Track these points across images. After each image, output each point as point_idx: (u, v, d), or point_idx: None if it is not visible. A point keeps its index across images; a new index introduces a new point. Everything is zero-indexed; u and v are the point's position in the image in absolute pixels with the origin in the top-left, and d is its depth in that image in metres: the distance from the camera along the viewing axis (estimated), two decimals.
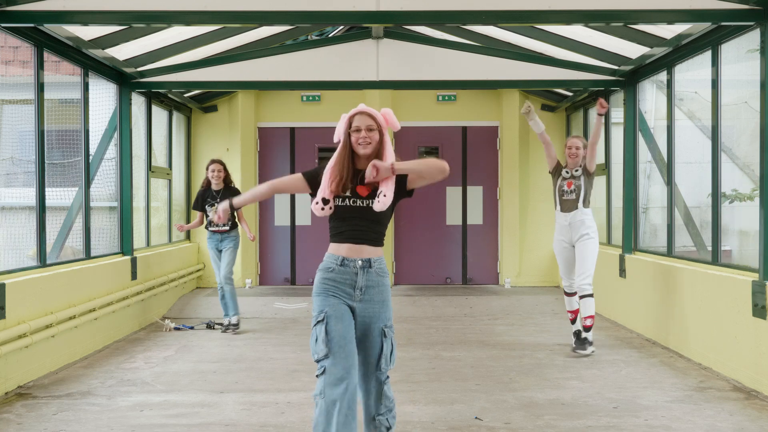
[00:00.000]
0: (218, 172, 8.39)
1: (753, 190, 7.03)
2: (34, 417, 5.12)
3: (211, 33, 8.20)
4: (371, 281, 3.80)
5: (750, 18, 5.89)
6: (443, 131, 11.34)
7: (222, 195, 8.29)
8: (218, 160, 8.47)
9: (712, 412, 5.15)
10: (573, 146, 7.17)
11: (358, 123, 3.81)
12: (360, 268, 3.78)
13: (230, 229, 8.46)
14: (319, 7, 6.25)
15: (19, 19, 6.07)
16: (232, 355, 7.16)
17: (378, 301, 3.82)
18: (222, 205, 4.07)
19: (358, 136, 3.81)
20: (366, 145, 3.80)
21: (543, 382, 6.01)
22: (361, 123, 3.81)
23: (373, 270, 3.80)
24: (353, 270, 3.77)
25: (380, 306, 3.82)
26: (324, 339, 3.67)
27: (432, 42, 8.93)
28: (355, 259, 3.78)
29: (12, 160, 7.60)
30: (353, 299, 3.78)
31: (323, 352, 3.65)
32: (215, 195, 8.36)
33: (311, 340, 3.74)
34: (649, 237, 8.83)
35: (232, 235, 8.50)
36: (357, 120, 3.82)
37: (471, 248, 11.40)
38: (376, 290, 3.81)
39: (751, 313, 5.74)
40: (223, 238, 8.44)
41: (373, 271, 3.80)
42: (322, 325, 3.70)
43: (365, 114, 3.83)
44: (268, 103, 11.35)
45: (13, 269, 6.24)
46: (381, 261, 3.85)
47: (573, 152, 7.14)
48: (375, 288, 3.81)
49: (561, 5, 6.16)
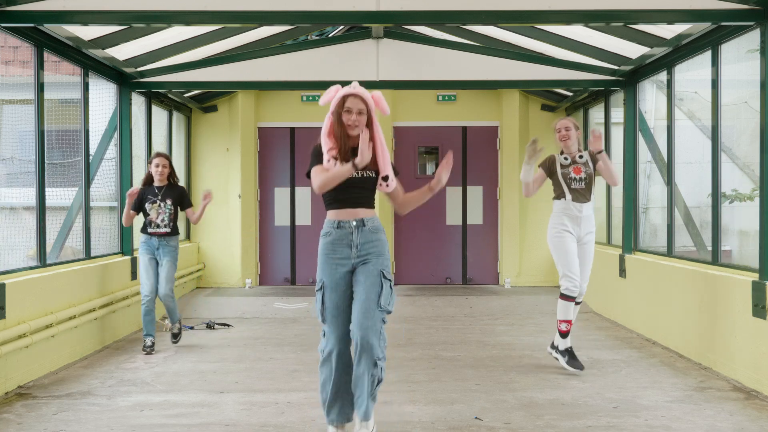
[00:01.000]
0: (163, 168, 7.33)
1: (753, 190, 7.03)
2: (34, 417, 5.12)
3: (211, 33, 8.20)
4: (366, 237, 4.21)
5: (750, 18, 5.89)
6: (443, 131, 11.34)
7: (165, 193, 7.32)
8: (163, 154, 7.49)
9: (712, 412, 5.15)
10: (562, 127, 6.30)
11: (350, 105, 4.16)
12: (355, 228, 4.19)
13: (171, 233, 7.34)
14: (319, 7, 6.25)
15: (19, 19, 6.07)
16: (232, 355, 7.16)
17: (374, 253, 4.22)
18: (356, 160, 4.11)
19: (348, 117, 4.15)
20: (354, 127, 4.16)
21: (543, 382, 6.01)
22: (353, 105, 4.16)
23: (366, 228, 4.21)
24: (348, 230, 4.19)
25: (376, 256, 4.22)
26: (321, 308, 4.23)
27: (432, 42, 8.93)
28: (349, 221, 4.20)
29: (12, 160, 7.61)
30: (351, 257, 4.20)
31: (321, 318, 4.25)
32: (157, 193, 7.31)
33: (316, 302, 4.31)
34: (649, 237, 8.83)
35: (172, 244, 7.34)
36: (350, 102, 4.16)
37: (471, 248, 11.41)
38: (371, 245, 4.22)
39: (751, 313, 5.74)
40: (160, 243, 7.26)
41: (366, 229, 4.21)
42: (320, 293, 4.24)
43: (358, 97, 4.16)
44: (268, 103, 11.35)
45: (13, 269, 6.24)
46: (374, 219, 4.28)
47: (563, 134, 6.29)
48: (370, 243, 4.21)
49: (561, 5, 6.15)
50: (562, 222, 6.30)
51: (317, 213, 11.09)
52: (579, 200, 6.28)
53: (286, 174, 11.37)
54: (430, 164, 11.49)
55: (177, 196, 7.39)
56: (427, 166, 11.49)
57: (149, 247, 7.27)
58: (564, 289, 6.25)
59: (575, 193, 6.28)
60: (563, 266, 6.26)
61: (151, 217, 7.28)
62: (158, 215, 7.26)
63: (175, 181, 7.49)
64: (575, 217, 6.28)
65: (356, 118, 4.14)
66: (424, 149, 11.42)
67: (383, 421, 4.95)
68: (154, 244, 7.26)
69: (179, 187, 7.54)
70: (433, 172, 11.29)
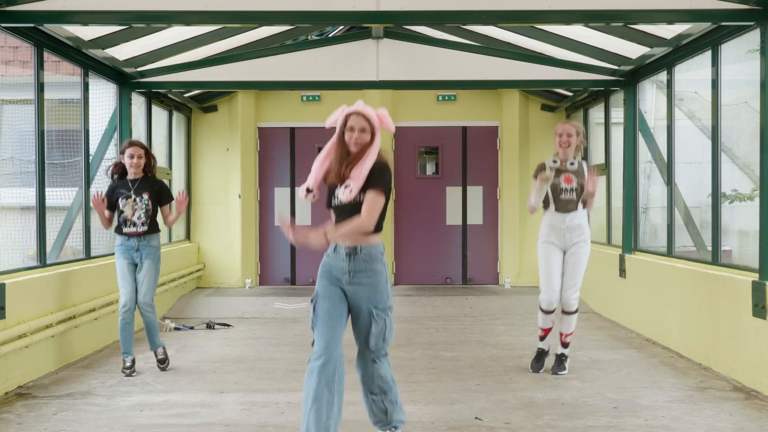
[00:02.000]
0: (138, 158, 6.34)
1: (753, 190, 7.04)
2: (34, 417, 5.12)
3: (211, 33, 8.19)
4: (358, 266, 4.08)
5: (750, 18, 5.89)
6: (443, 131, 11.34)
7: (140, 187, 6.36)
8: (138, 143, 6.51)
9: (712, 412, 5.15)
10: (564, 133, 6.13)
11: (352, 123, 4.06)
12: (347, 255, 4.08)
13: (149, 231, 6.39)
14: (319, 7, 6.25)
15: (19, 19, 6.07)
16: (232, 355, 7.16)
17: (367, 285, 4.09)
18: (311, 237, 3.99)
19: (351, 135, 4.05)
20: (356, 145, 4.05)
21: (543, 382, 6.01)
22: (355, 124, 4.06)
23: (359, 256, 4.07)
24: (342, 256, 4.08)
25: (369, 289, 4.09)
26: (312, 315, 4.12)
27: (432, 42, 8.93)
28: (343, 246, 4.09)
29: (12, 160, 7.61)
30: (343, 283, 4.10)
31: (312, 326, 4.12)
32: (130, 186, 6.37)
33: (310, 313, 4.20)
34: (649, 237, 8.83)
35: (153, 243, 6.40)
36: (352, 120, 4.07)
37: (471, 248, 11.40)
38: (363, 274, 4.08)
39: (751, 313, 5.74)
40: (140, 244, 6.33)
41: (359, 257, 4.07)
42: (312, 303, 4.16)
43: (361, 115, 4.06)
44: (268, 103, 11.35)
45: (13, 269, 6.24)
46: (369, 248, 4.09)
47: (564, 140, 6.12)
48: (363, 272, 4.08)
49: (561, 5, 6.15)
50: (546, 233, 6.20)
51: (317, 213, 11.09)
52: (564, 210, 6.12)
53: (286, 174, 11.37)
54: (430, 164, 11.49)
55: (155, 190, 6.43)
56: (427, 166, 11.50)
57: (126, 249, 6.33)
58: (540, 303, 6.25)
59: (561, 203, 6.12)
60: (540, 280, 6.24)
61: (125, 215, 6.32)
62: (134, 212, 6.31)
63: (153, 174, 6.51)
64: (558, 228, 6.14)
65: (358, 135, 4.04)
66: (424, 149, 11.41)
67: None
68: (132, 246, 6.32)
69: (157, 180, 6.56)
70: (433, 172, 11.36)
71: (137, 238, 6.35)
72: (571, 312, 6.22)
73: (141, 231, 6.35)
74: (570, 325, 6.26)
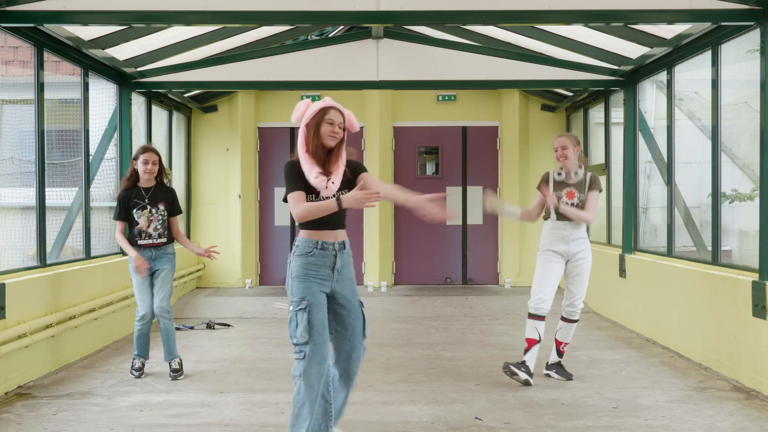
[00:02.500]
0: (152, 165, 6.20)
1: (753, 190, 7.03)
2: (34, 417, 5.12)
3: (211, 33, 8.20)
4: (345, 261, 4.15)
5: (750, 18, 5.89)
6: (443, 131, 11.34)
7: (154, 196, 6.21)
8: (153, 148, 6.31)
9: (712, 412, 5.15)
10: (559, 147, 6.05)
11: (332, 117, 4.07)
12: (338, 251, 4.10)
13: (167, 242, 6.26)
14: (319, 7, 6.25)
15: (19, 19, 6.07)
16: (232, 355, 7.16)
17: (349, 279, 4.19)
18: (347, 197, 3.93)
19: (330, 129, 4.05)
20: (334, 139, 4.06)
21: (543, 382, 6.01)
22: (335, 118, 4.08)
23: (345, 251, 4.16)
24: (332, 252, 4.08)
25: (352, 282, 4.21)
26: (306, 327, 3.98)
27: (432, 42, 8.94)
28: (333, 243, 4.09)
29: (12, 160, 7.60)
30: (331, 280, 4.09)
31: (305, 338, 3.98)
32: (144, 195, 6.21)
33: (291, 324, 4.04)
34: (649, 237, 8.83)
35: (170, 251, 6.28)
36: (332, 114, 4.08)
37: (471, 248, 11.40)
38: (347, 269, 4.18)
39: (751, 313, 5.74)
40: (158, 254, 6.20)
41: (345, 252, 4.16)
42: (304, 312, 3.99)
43: (339, 111, 4.11)
44: (268, 103, 11.35)
45: (13, 269, 6.25)
46: (347, 241, 4.22)
47: (560, 153, 6.02)
48: (346, 267, 4.17)
49: (561, 5, 6.16)
50: (549, 242, 6.06)
51: None
52: (565, 221, 6.01)
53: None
54: (430, 164, 11.49)
55: (170, 200, 6.32)
56: (426, 166, 11.50)
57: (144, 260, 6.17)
58: (530, 307, 6.06)
59: (563, 216, 6.00)
60: (534, 284, 6.08)
61: (141, 227, 6.16)
62: (150, 223, 6.19)
63: (166, 181, 6.41)
64: (560, 235, 6.01)
65: (337, 129, 4.06)
66: (424, 149, 11.41)
67: (383, 421, 4.96)
68: (149, 256, 6.17)
69: (170, 188, 6.41)
70: (433, 172, 11.36)
71: (153, 250, 6.20)
72: (573, 320, 6.15)
73: (158, 243, 6.21)
74: (569, 334, 6.19)
